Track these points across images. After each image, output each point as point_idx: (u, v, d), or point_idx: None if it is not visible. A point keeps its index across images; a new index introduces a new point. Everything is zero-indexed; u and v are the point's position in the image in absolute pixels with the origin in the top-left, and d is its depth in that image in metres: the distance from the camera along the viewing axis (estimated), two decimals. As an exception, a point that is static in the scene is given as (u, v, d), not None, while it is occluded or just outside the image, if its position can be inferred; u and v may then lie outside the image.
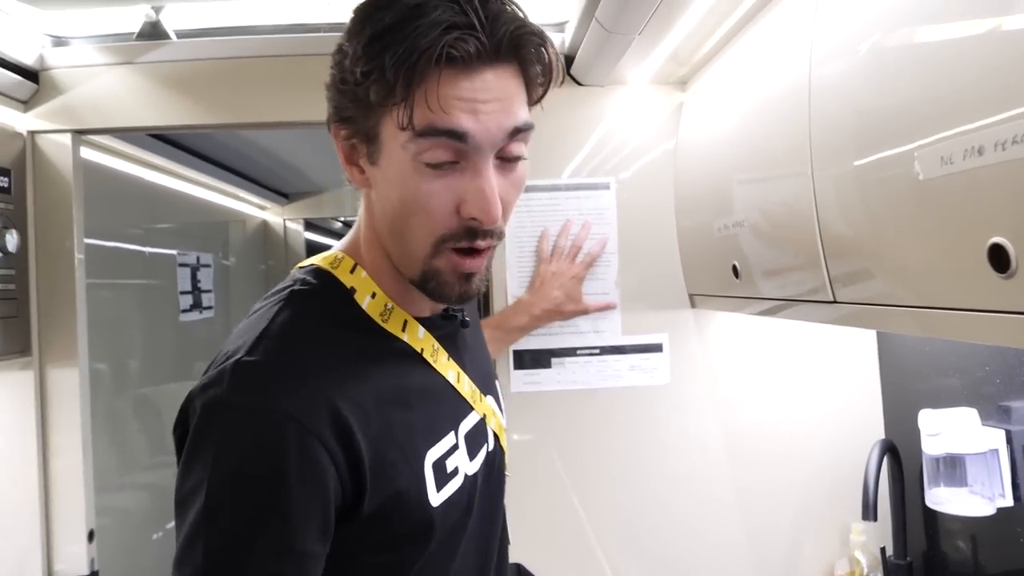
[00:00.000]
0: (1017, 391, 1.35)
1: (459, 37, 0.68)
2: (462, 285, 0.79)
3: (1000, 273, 0.70)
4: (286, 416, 0.69)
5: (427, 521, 0.80)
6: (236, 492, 0.69)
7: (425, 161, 0.73)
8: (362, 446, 0.73)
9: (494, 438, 0.99)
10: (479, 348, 1.05)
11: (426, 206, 0.75)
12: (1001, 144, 0.68)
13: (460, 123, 0.71)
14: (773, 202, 1.22)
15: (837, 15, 1.03)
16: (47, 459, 1.69)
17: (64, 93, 1.74)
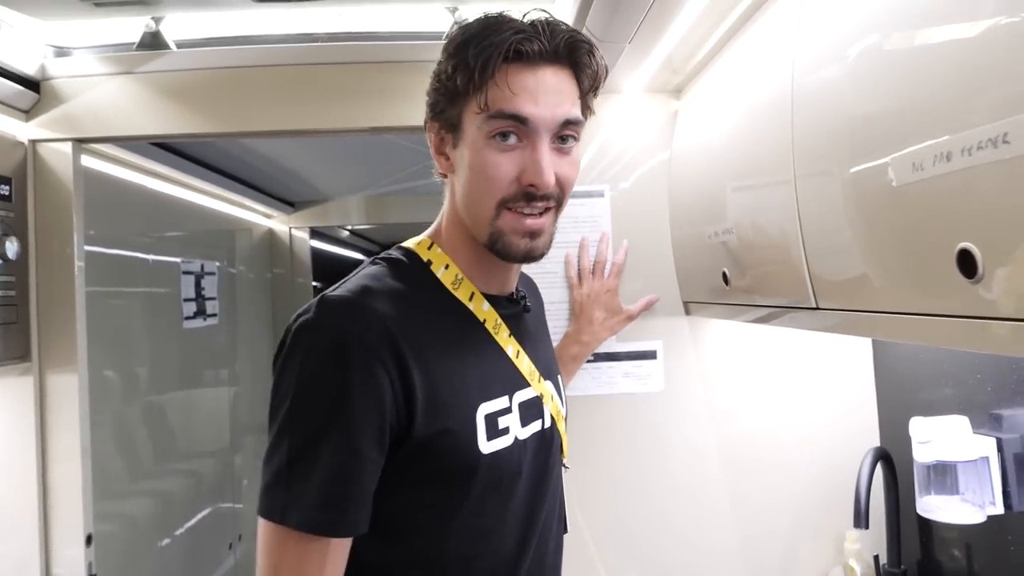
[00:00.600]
0: (1008, 399, 1.35)
1: (525, 38, 0.87)
2: (526, 242, 0.92)
3: (968, 278, 0.71)
4: (354, 336, 0.84)
5: (473, 463, 0.91)
6: (312, 397, 0.85)
7: (494, 136, 0.89)
8: (415, 377, 0.86)
9: (551, 419, 1.05)
10: (542, 338, 1.14)
11: (493, 175, 0.90)
12: (967, 150, 0.68)
13: (523, 108, 0.88)
14: (759, 210, 1.22)
15: (817, 26, 1.04)
16: (46, 464, 1.71)
17: (65, 102, 1.77)
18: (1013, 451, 1.34)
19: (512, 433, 0.96)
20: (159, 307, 2.73)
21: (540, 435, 1.03)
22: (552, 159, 0.91)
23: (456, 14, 1.79)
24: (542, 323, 1.20)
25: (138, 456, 2.57)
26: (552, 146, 0.91)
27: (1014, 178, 0.64)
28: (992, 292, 0.69)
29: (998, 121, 0.64)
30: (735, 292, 1.41)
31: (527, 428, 1.00)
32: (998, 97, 0.65)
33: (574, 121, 0.92)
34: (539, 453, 1.02)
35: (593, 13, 1.34)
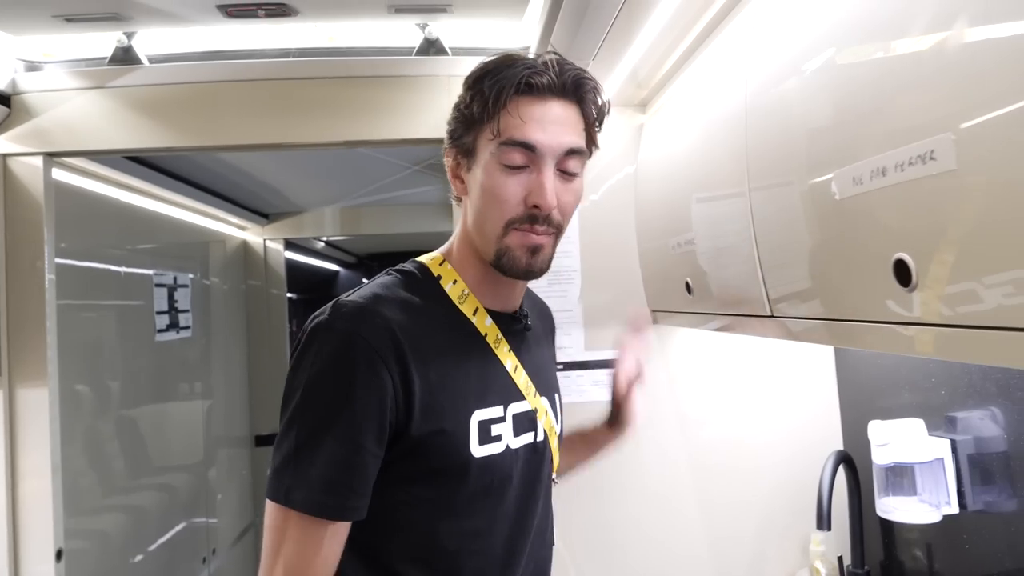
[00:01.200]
0: (961, 402, 1.40)
1: (535, 72, 0.95)
2: (528, 258, 0.98)
3: (904, 287, 0.75)
4: (361, 338, 0.92)
5: (464, 464, 0.97)
6: (321, 391, 0.92)
7: (504, 163, 0.96)
8: (416, 379, 0.93)
9: (543, 433, 1.10)
10: (543, 357, 1.19)
11: (501, 196, 0.97)
12: (900, 165, 0.72)
13: (531, 136, 0.95)
14: (718, 221, 1.26)
15: (769, 45, 1.08)
16: (15, 479, 1.71)
17: (36, 116, 1.78)
18: (967, 452, 1.39)
19: (504, 441, 1.02)
20: (131, 320, 2.72)
21: (532, 447, 1.07)
22: (556, 185, 0.97)
23: (427, 30, 1.82)
24: (546, 344, 1.25)
25: (110, 471, 2.56)
26: (557, 173, 0.98)
27: (940, 192, 0.68)
28: (925, 300, 0.73)
29: (926, 139, 0.68)
30: (698, 301, 1.44)
31: (519, 438, 1.05)
32: (926, 116, 0.70)
33: (577, 150, 0.98)
34: (530, 464, 1.07)
35: (557, 31, 1.38)
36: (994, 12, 0.62)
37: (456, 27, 1.81)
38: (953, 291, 0.69)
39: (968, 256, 0.67)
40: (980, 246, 0.65)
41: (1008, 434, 1.30)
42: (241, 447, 3.76)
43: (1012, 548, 1.31)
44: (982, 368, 1.33)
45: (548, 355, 1.24)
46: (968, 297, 0.68)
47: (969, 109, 0.64)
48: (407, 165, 3.07)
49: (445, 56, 1.87)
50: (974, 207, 0.65)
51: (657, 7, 1.25)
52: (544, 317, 1.30)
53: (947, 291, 0.70)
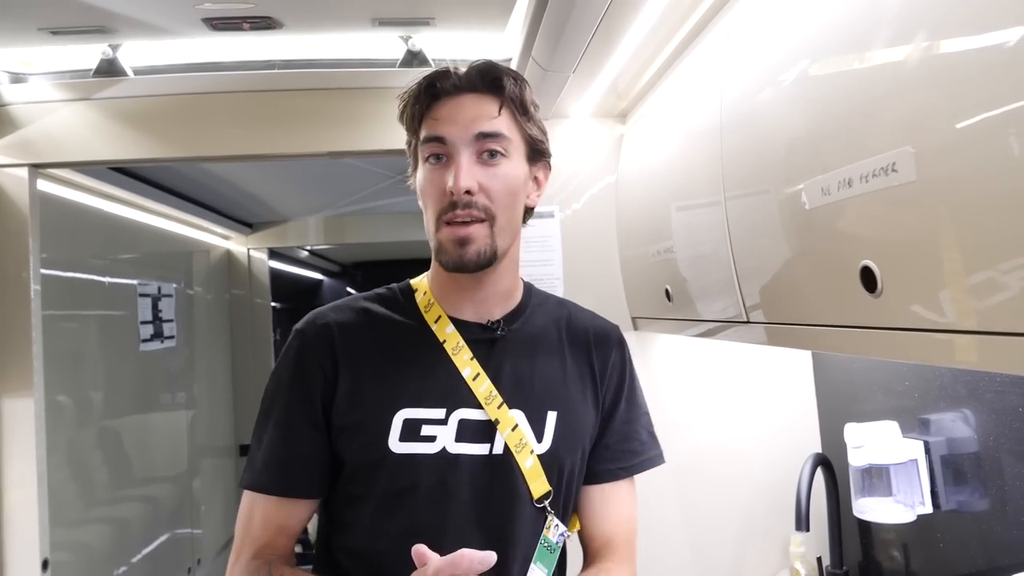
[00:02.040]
0: (933, 404, 1.44)
1: (437, 78, 1.04)
2: (457, 251, 1.01)
3: (870, 293, 0.78)
4: (305, 338, 1.08)
5: (381, 457, 1.01)
6: (271, 382, 1.10)
7: (425, 157, 1.04)
8: (342, 373, 1.05)
9: (503, 447, 1.03)
10: (538, 371, 1.10)
11: (429, 190, 1.04)
12: (864, 177, 0.76)
13: (440, 130, 1.02)
14: (695, 229, 1.30)
15: (742, 57, 1.12)
16: (1, 490, 1.71)
17: (21, 128, 1.78)
18: (940, 453, 1.42)
19: (440, 443, 1.02)
20: (116, 330, 2.72)
21: (486, 460, 1.03)
22: (476, 170, 1.01)
23: (410, 43, 1.85)
24: (554, 360, 1.13)
25: (94, 482, 2.55)
26: (477, 160, 1.02)
27: (902, 203, 0.71)
28: (890, 305, 0.76)
29: (888, 152, 0.72)
30: (677, 308, 1.48)
31: (463, 445, 1.03)
32: (887, 129, 0.73)
33: (491, 134, 1.02)
34: (481, 477, 1.03)
35: (539, 44, 1.41)
36: (951, 29, 0.66)
37: (439, 39, 1.83)
38: (917, 296, 0.73)
39: (930, 263, 0.70)
40: (940, 253, 0.69)
41: (979, 435, 1.34)
42: (225, 457, 3.75)
43: (984, 546, 1.35)
44: (953, 371, 1.37)
45: (553, 370, 1.12)
46: (931, 302, 0.71)
47: (928, 124, 0.67)
48: (390, 175, 3.09)
49: (428, 68, 1.89)
50: (934, 216, 0.68)
51: (636, 20, 1.29)
52: (584, 334, 1.17)
53: (911, 296, 0.74)
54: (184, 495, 3.26)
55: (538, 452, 1.05)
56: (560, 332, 1.16)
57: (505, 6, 1.56)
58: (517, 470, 1.04)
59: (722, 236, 1.15)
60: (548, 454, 1.06)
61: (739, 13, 1.16)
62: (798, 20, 0.94)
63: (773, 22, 1.02)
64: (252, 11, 1.58)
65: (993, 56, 0.60)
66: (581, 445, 1.11)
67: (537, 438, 1.06)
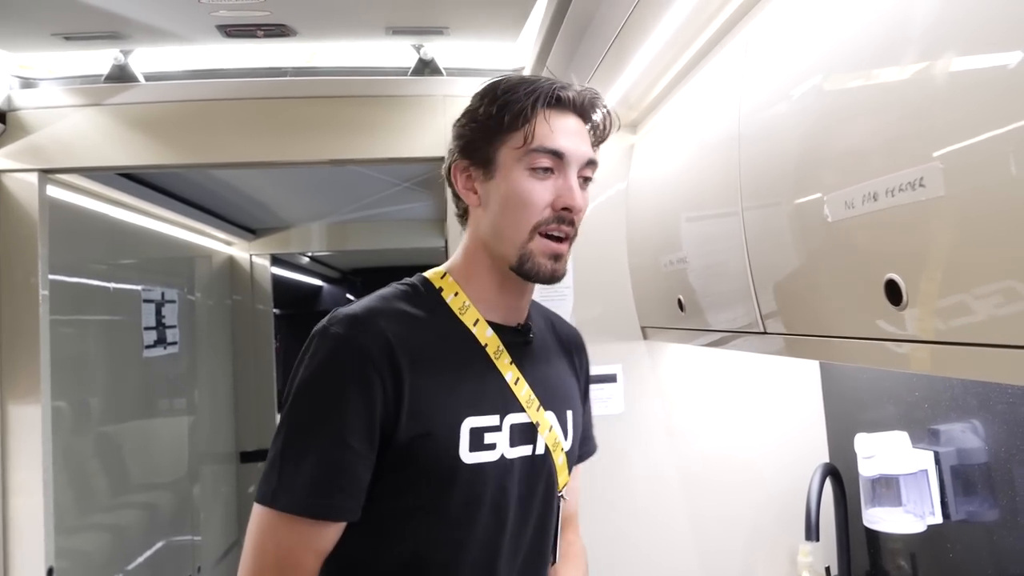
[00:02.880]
0: (943, 415, 1.44)
1: (563, 88, 1.03)
2: (551, 265, 1.03)
3: (895, 306, 0.78)
4: (354, 344, 0.97)
5: (453, 468, 0.99)
6: (312, 393, 0.97)
7: (533, 168, 1.01)
8: (406, 384, 0.97)
9: (544, 448, 1.10)
10: (555, 374, 1.18)
11: (530, 200, 1.02)
12: (891, 191, 0.76)
13: (560, 144, 1.01)
14: (710, 240, 1.30)
15: (762, 70, 1.13)
16: (7, 497, 1.70)
17: (32, 133, 1.78)
18: (949, 463, 1.43)
19: (499, 450, 1.03)
20: (119, 336, 2.71)
21: (531, 460, 1.08)
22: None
23: (422, 51, 1.86)
24: (563, 362, 1.23)
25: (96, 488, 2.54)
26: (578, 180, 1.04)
27: (929, 217, 0.72)
28: (915, 318, 0.76)
29: (915, 167, 0.72)
30: (690, 318, 1.48)
31: (515, 449, 1.06)
32: (914, 144, 0.74)
33: (593, 162, 1.06)
34: (528, 476, 1.08)
35: (554, 54, 1.42)
36: (981, 45, 0.66)
37: (451, 48, 1.84)
38: (942, 310, 0.73)
39: (956, 276, 0.71)
40: (968, 267, 0.69)
41: (989, 446, 1.35)
42: (226, 463, 3.74)
43: (994, 556, 1.35)
44: (963, 382, 1.38)
45: (563, 372, 1.22)
46: (957, 315, 0.71)
47: (958, 139, 0.68)
48: (396, 182, 3.10)
49: (440, 76, 1.90)
50: (961, 230, 0.69)
51: (652, 35, 1.29)
52: (567, 339, 1.27)
53: (937, 310, 0.74)
54: (184, 502, 3.25)
55: (565, 449, 1.14)
56: (553, 335, 1.23)
57: (519, 16, 1.57)
58: (553, 467, 1.12)
59: (739, 247, 1.15)
60: (571, 450, 1.16)
61: (758, 27, 1.17)
62: (822, 35, 0.95)
63: (795, 36, 1.03)
64: (267, 19, 1.58)
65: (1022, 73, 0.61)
66: (580, 437, 1.22)
67: (564, 436, 1.14)
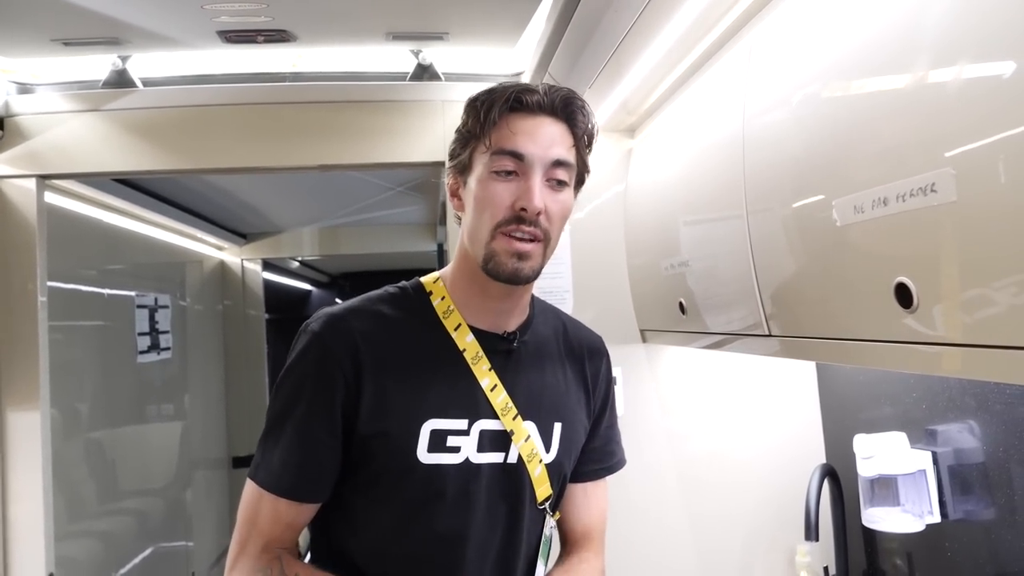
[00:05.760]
0: (941, 416, 1.46)
1: (525, 91, 1.04)
2: (514, 262, 1.02)
3: (905, 308, 0.80)
4: (324, 342, 1.05)
5: (409, 467, 1.03)
6: (287, 384, 1.06)
7: (495, 170, 1.02)
8: (367, 382, 1.03)
9: (517, 457, 1.10)
10: (544, 382, 1.17)
11: (492, 201, 1.03)
12: (901, 196, 0.78)
13: (519, 146, 1.02)
14: (714, 243, 1.32)
15: (766, 75, 1.14)
16: (7, 503, 1.69)
17: (29, 139, 1.77)
18: (947, 464, 1.45)
19: (463, 454, 1.06)
20: (113, 342, 2.70)
21: (501, 468, 1.09)
22: (544, 193, 1.02)
23: (420, 56, 1.86)
24: (559, 372, 1.19)
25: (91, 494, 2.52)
26: (545, 183, 1.03)
27: (941, 222, 0.73)
28: (925, 320, 0.78)
29: (927, 172, 0.74)
30: (691, 320, 1.50)
31: (484, 455, 1.07)
32: (926, 150, 0.75)
33: (564, 162, 1.04)
34: (497, 484, 1.09)
35: (556, 60, 1.43)
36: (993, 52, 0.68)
37: (451, 54, 1.85)
38: (953, 313, 0.75)
39: (967, 279, 0.72)
40: (979, 270, 0.71)
41: (986, 446, 1.37)
42: (218, 469, 3.72)
43: (992, 555, 1.37)
44: (961, 383, 1.40)
45: (558, 382, 1.19)
46: (968, 317, 0.73)
47: (970, 145, 0.70)
48: (390, 186, 3.10)
49: (439, 81, 1.91)
50: (974, 235, 0.71)
51: (655, 40, 1.31)
52: (581, 345, 1.25)
53: (947, 313, 0.76)
54: (178, 507, 3.23)
55: (546, 461, 1.13)
56: (559, 343, 1.22)
57: (519, 22, 1.58)
58: (527, 478, 1.11)
59: (743, 250, 1.17)
60: (554, 463, 1.15)
61: (762, 32, 1.18)
62: (831, 40, 0.97)
63: (802, 41, 1.05)
64: (267, 24, 1.59)
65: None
66: (576, 451, 1.20)
67: (545, 448, 1.14)
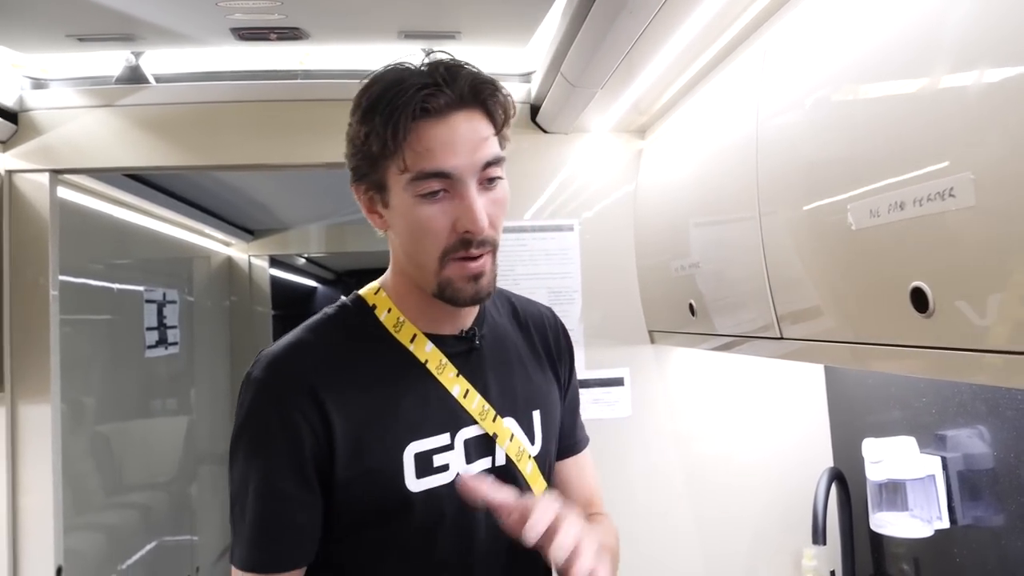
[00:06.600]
0: (951, 421, 1.46)
1: (429, 94, 0.87)
2: (472, 286, 0.93)
3: (921, 313, 0.80)
4: (273, 390, 0.92)
5: (403, 500, 0.94)
6: (242, 444, 0.93)
7: (421, 194, 0.90)
8: (335, 420, 0.91)
9: (505, 458, 1.03)
10: (513, 373, 1.09)
11: (429, 228, 0.91)
12: (919, 200, 0.78)
13: (443, 164, 0.88)
14: (726, 245, 1.32)
15: (781, 77, 1.14)
16: (16, 496, 1.70)
17: (43, 134, 1.78)
18: (957, 469, 1.45)
19: (453, 470, 0.98)
20: (122, 336, 2.71)
21: (491, 473, 1.02)
22: (484, 203, 0.91)
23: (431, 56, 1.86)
24: (521, 356, 1.13)
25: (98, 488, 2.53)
26: (481, 190, 0.92)
27: (959, 226, 0.73)
28: (942, 325, 0.78)
29: (945, 177, 0.74)
30: (701, 322, 1.49)
31: (473, 465, 1.01)
32: (945, 155, 0.75)
33: (495, 161, 0.92)
34: None
35: (568, 61, 1.43)
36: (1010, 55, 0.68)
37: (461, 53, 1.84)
38: (970, 317, 0.75)
39: (985, 284, 0.72)
40: (997, 274, 0.71)
41: (997, 451, 1.37)
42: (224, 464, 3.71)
43: (1001, 561, 1.37)
44: (972, 387, 1.40)
45: (524, 368, 1.12)
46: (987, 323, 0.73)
47: (989, 150, 0.70)
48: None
49: (449, 80, 1.91)
50: (993, 240, 0.71)
51: (670, 41, 1.31)
52: (535, 321, 1.18)
53: (963, 318, 0.76)
54: (183, 502, 3.24)
55: (534, 455, 1.07)
56: (513, 325, 1.15)
57: (532, 22, 1.58)
58: (521, 478, 1.05)
59: (755, 252, 1.17)
60: (541, 453, 1.08)
61: (777, 34, 1.18)
62: (847, 42, 0.96)
63: (819, 43, 1.04)
64: (281, 22, 1.59)
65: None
66: (556, 434, 1.14)
67: (530, 441, 1.07)
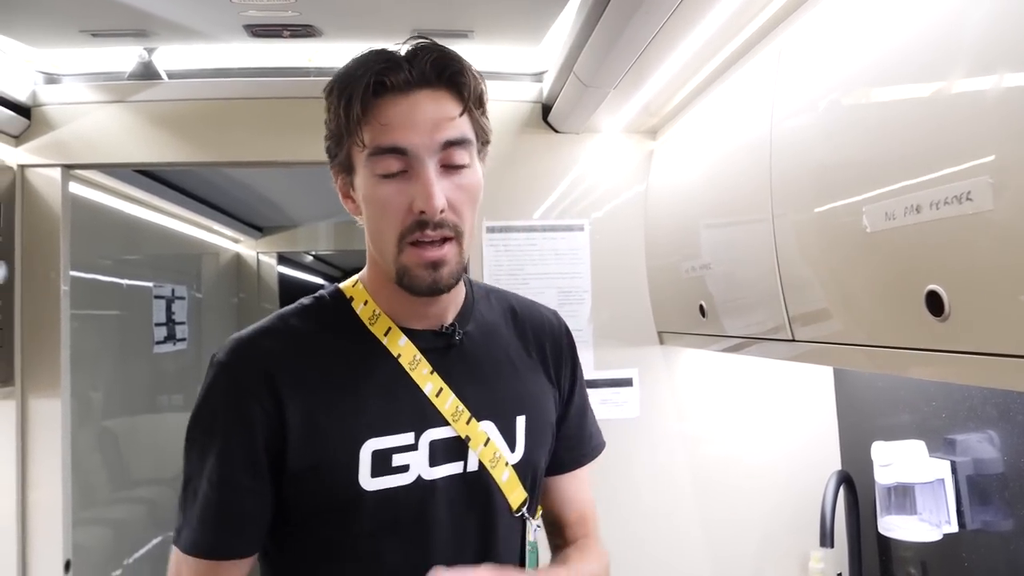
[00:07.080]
0: (961, 425, 1.46)
1: (387, 68, 0.86)
2: (430, 274, 0.89)
3: (936, 316, 0.80)
4: (231, 374, 0.92)
5: (354, 497, 0.90)
6: (197, 427, 0.93)
7: (379, 173, 0.88)
8: (289, 408, 0.90)
9: (478, 464, 0.97)
10: (498, 375, 1.04)
11: (386, 208, 0.88)
12: (935, 204, 0.78)
13: (398, 140, 0.86)
14: (737, 246, 1.32)
15: (796, 78, 1.14)
16: (26, 490, 1.70)
17: (55, 129, 1.79)
18: (966, 473, 1.45)
19: (414, 472, 0.93)
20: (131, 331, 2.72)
21: (461, 479, 0.97)
22: (443, 184, 0.88)
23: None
24: (512, 360, 1.07)
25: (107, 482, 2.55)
26: (442, 171, 0.88)
27: (976, 230, 0.73)
28: (957, 329, 0.78)
29: (963, 181, 0.74)
30: (711, 323, 1.49)
31: (438, 469, 0.95)
32: (962, 159, 0.75)
33: (457, 141, 0.88)
34: (459, 498, 0.97)
35: (582, 61, 1.43)
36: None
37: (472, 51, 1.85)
38: (986, 321, 0.75)
39: (1001, 288, 0.72)
40: (1013, 279, 0.71)
41: (1006, 456, 1.36)
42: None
43: (1010, 565, 1.37)
44: (983, 392, 1.39)
45: (515, 371, 1.06)
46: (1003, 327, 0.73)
47: (1008, 154, 0.69)
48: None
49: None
50: (1008, 244, 0.70)
51: (683, 43, 1.31)
52: (535, 326, 1.12)
53: (978, 322, 0.76)
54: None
55: (512, 462, 1.00)
56: (509, 326, 1.09)
57: (545, 21, 1.58)
58: (494, 486, 0.99)
59: (768, 253, 1.17)
60: (522, 462, 1.02)
61: (792, 36, 1.18)
62: (864, 45, 0.96)
63: (834, 46, 1.04)
64: (294, 19, 1.59)
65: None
66: (548, 442, 1.07)
67: (510, 447, 1.01)
